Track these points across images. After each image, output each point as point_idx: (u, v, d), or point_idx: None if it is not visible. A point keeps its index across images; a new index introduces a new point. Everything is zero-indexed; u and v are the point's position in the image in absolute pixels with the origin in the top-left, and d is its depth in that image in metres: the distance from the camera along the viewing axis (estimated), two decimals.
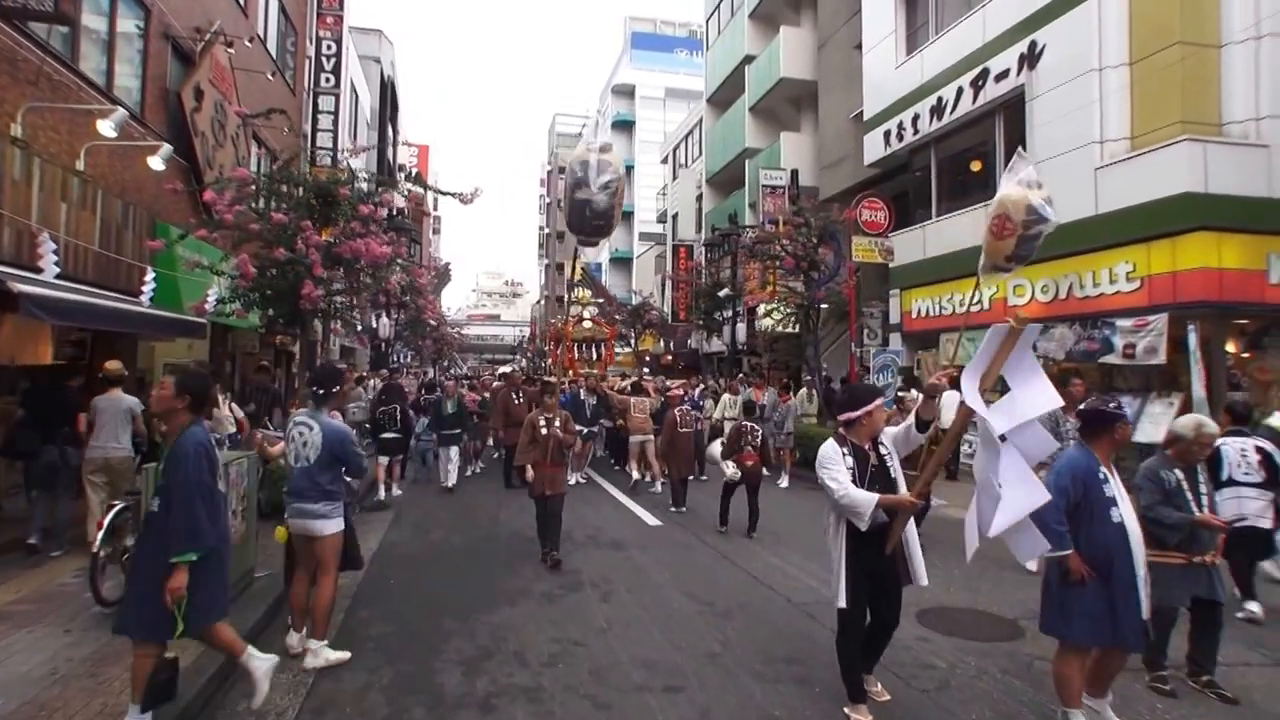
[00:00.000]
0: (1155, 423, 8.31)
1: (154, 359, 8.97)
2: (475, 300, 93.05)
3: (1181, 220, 7.89)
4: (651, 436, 9.16)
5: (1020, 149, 3.83)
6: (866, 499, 2.86)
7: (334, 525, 3.67)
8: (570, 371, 10.68)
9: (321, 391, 3.80)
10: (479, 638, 4.05)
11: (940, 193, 12.02)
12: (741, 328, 14.68)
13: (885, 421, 3.24)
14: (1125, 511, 2.93)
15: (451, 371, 33.39)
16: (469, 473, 10.00)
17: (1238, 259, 7.81)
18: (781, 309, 14.21)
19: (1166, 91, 8.30)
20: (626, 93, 41.54)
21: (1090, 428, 3.07)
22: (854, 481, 2.94)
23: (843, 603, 3.04)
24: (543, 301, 56.85)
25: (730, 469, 6.68)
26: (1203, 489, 3.43)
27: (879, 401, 3.14)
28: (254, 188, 7.30)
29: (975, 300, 5.12)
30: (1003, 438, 2.69)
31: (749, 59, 19.62)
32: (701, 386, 11.53)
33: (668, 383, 10.74)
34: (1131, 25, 8.70)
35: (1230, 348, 8.41)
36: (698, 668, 3.68)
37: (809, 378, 12.75)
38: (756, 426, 6.96)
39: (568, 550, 5.80)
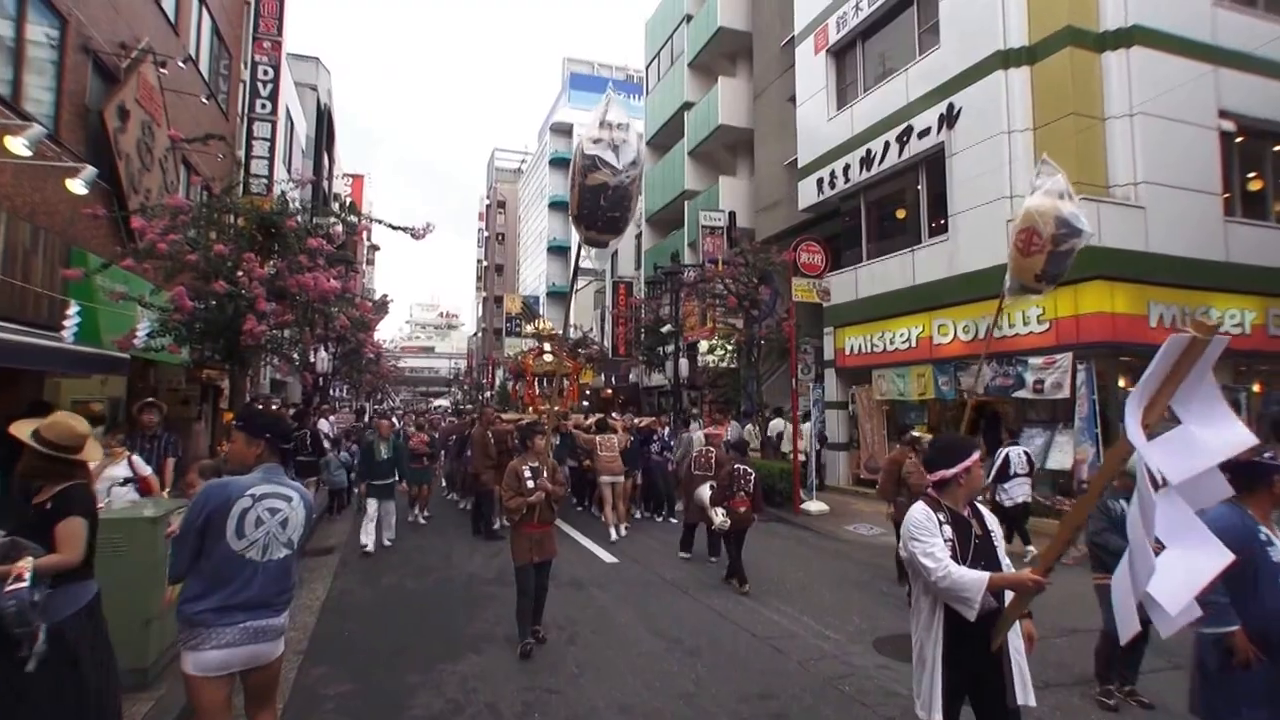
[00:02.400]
0: (1063, 451, 9.22)
1: (60, 396, 8.18)
2: (409, 332, 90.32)
3: (1081, 270, 8.82)
4: (621, 477, 8.75)
5: (1044, 156, 3.86)
6: (976, 580, 2.23)
7: None
8: (532, 408, 10.43)
9: (287, 446, 2.73)
10: (447, 690, 3.89)
11: (870, 236, 12.89)
12: (684, 363, 15.02)
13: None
14: None
15: (384, 406, 31.98)
16: (411, 520, 9.39)
17: (1126, 305, 8.87)
18: (723, 345, 14.71)
19: (1064, 155, 9.30)
20: (565, 131, 42.42)
21: (1244, 481, 2.51)
22: (955, 557, 2.32)
23: (939, 715, 2.30)
24: (480, 334, 55.83)
25: (719, 517, 6.16)
26: None
27: (977, 455, 2.51)
28: (189, 216, 6.90)
29: (995, 325, 4.46)
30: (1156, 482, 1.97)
31: (688, 105, 20.54)
32: (668, 428, 11.45)
33: (635, 420, 10.64)
34: (1033, 95, 9.84)
35: (1121, 383, 9.41)
36: (675, 709, 3.68)
37: (776, 411, 13.14)
38: (750, 470, 6.38)
39: None
